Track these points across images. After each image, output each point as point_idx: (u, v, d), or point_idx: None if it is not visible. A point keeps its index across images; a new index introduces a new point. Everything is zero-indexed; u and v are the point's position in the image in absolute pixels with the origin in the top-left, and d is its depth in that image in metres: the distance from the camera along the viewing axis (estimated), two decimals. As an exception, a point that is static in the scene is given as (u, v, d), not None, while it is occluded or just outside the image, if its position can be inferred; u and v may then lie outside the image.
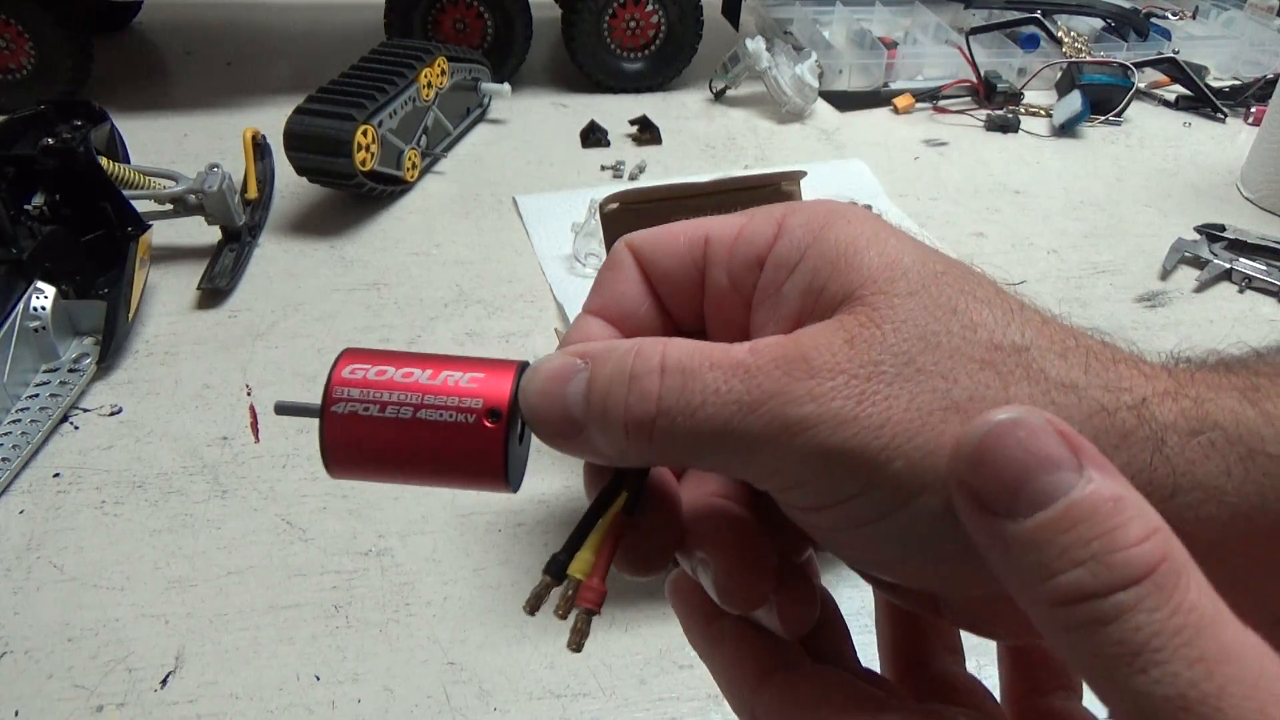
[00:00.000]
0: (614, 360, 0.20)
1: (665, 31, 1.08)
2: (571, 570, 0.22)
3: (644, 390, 0.20)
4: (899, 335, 0.19)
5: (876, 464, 0.18)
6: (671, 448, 0.20)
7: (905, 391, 0.19)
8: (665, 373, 0.20)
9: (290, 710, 0.43)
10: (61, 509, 0.53)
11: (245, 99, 1.05)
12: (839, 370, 0.19)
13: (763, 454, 0.19)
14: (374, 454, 0.22)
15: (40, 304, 0.62)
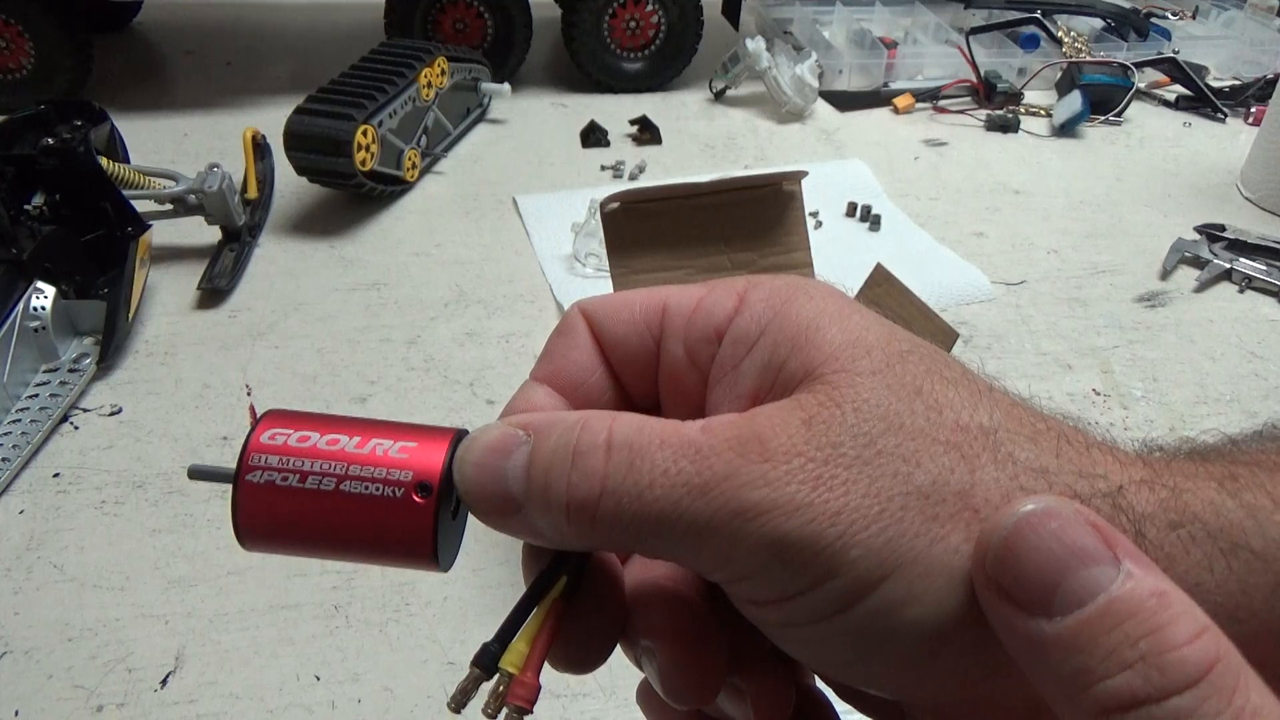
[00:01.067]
0: (558, 434, 0.19)
1: (665, 31, 1.08)
2: (503, 663, 0.19)
3: (589, 468, 0.18)
4: (859, 416, 0.18)
5: (832, 553, 0.17)
6: (616, 531, 0.18)
7: (865, 476, 0.17)
8: (612, 449, 0.18)
9: (290, 710, 0.43)
10: (61, 509, 0.53)
11: (245, 99, 1.05)
12: (795, 453, 0.17)
13: (713, 542, 0.17)
14: (290, 528, 0.20)
15: (40, 304, 0.62)
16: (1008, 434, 0.19)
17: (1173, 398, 0.64)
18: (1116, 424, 0.62)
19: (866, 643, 0.18)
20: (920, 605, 0.17)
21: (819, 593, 0.17)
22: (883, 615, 0.17)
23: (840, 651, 0.19)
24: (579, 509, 0.18)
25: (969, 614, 0.17)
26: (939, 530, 0.17)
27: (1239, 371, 0.67)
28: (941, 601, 0.17)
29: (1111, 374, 0.66)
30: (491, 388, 0.64)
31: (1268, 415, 0.63)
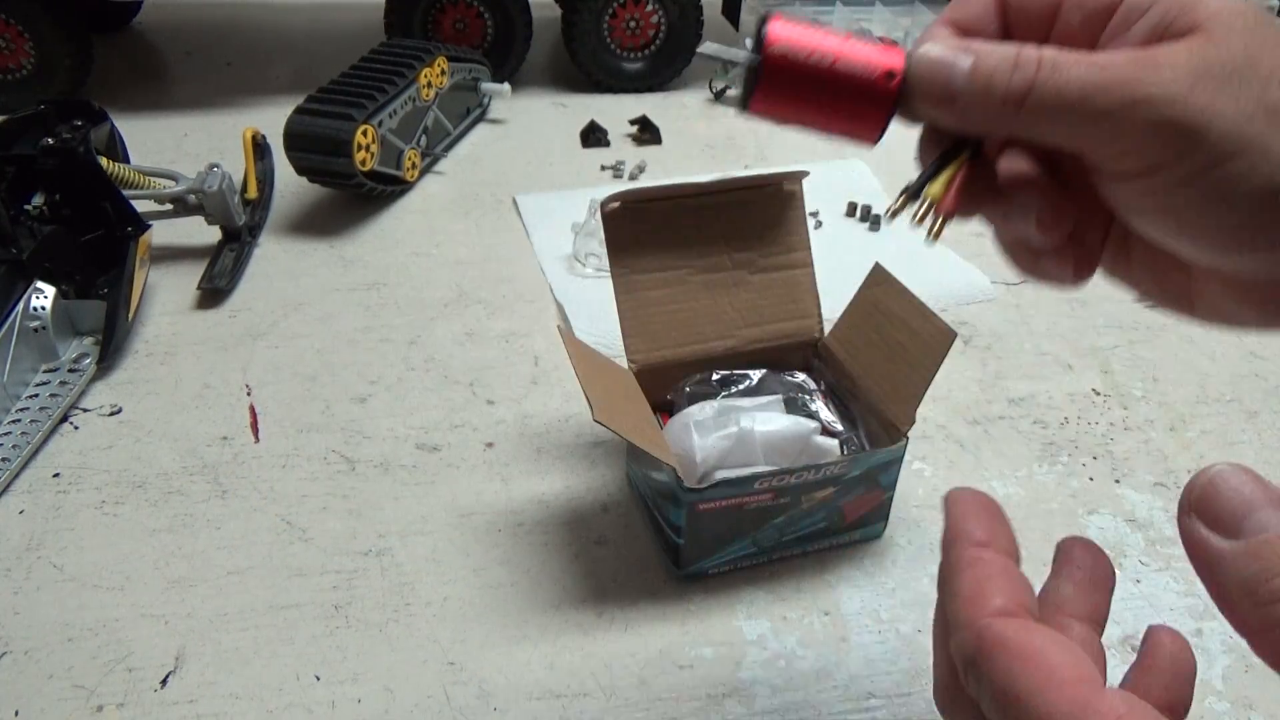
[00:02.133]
0: (1000, 52, 0.26)
1: (665, 31, 1.08)
2: (929, 191, 0.29)
3: (1025, 72, 0.26)
4: (1230, 53, 0.24)
5: (1198, 131, 0.24)
6: (1036, 115, 0.26)
7: (1228, 90, 0.24)
8: (1042, 64, 0.25)
9: (290, 710, 0.43)
10: (61, 509, 0.53)
11: (245, 99, 1.05)
12: (1180, 68, 0.24)
13: (1108, 124, 0.25)
14: (792, 91, 0.28)
15: (40, 304, 0.62)
16: None
17: (1173, 398, 0.64)
18: (1116, 424, 0.62)
19: (1212, 206, 0.25)
20: (1259, 177, 0.24)
21: (1183, 164, 0.24)
22: (1229, 181, 0.24)
23: (1186, 215, 0.26)
24: (1014, 98, 0.26)
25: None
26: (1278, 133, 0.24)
27: (1239, 371, 0.67)
28: (1274, 177, 0.24)
29: (1111, 374, 0.66)
30: (491, 387, 0.64)
31: (1268, 415, 0.63)
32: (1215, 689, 0.45)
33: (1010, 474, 0.58)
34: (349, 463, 0.57)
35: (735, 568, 0.50)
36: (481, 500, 0.55)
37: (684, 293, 0.54)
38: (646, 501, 0.52)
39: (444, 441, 0.59)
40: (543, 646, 0.46)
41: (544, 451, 0.58)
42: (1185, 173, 0.25)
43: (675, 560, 0.49)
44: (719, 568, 0.49)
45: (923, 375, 0.47)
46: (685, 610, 0.48)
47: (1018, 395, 0.64)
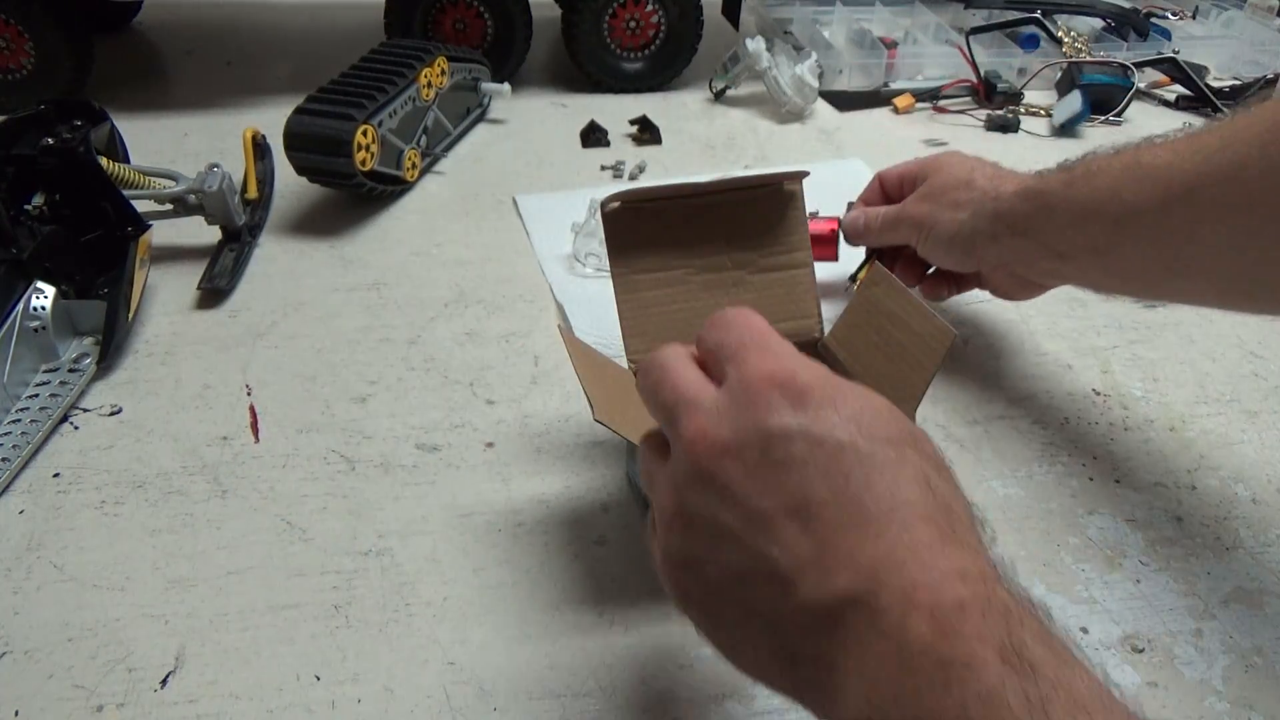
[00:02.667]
0: (871, 212, 0.67)
1: (665, 31, 1.08)
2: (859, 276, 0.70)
3: (877, 219, 0.67)
4: (933, 189, 0.62)
5: (922, 224, 0.62)
6: (884, 234, 0.66)
7: (930, 203, 0.62)
8: (882, 215, 0.66)
9: (290, 710, 0.43)
10: (61, 509, 0.53)
11: (245, 99, 1.05)
12: (917, 203, 0.63)
13: (900, 231, 0.64)
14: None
15: (40, 304, 0.62)
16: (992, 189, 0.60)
17: (1173, 397, 0.64)
18: (1116, 424, 0.62)
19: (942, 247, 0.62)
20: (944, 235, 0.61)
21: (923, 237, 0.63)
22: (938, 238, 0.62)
23: (939, 254, 0.63)
24: (874, 225, 0.67)
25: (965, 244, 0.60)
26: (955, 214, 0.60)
27: (1239, 371, 0.67)
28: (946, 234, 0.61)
29: (1111, 374, 0.66)
30: (491, 387, 0.64)
31: (1268, 415, 0.63)
32: (1215, 689, 0.45)
33: (1010, 474, 0.58)
34: (349, 463, 0.57)
35: None
36: (481, 500, 0.55)
37: (684, 293, 0.54)
38: (646, 504, 0.52)
39: (444, 441, 0.59)
40: (543, 646, 0.46)
41: (544, 451, 0.58)
42: (926, 241, 0.62)
43: None
44: None
45: (922, 375, 0.47)
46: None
47: (1018, 395, 0.64)
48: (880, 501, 0.28)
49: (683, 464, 0.32)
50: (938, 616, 0.26)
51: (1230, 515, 0.55)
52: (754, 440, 0.30)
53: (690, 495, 0.31)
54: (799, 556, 0.28)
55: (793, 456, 0.29)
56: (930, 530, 0.28)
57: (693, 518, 0.31)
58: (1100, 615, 0.49)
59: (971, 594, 0.27)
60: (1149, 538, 0.53)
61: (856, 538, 0.28)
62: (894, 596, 0.27)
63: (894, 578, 0.27)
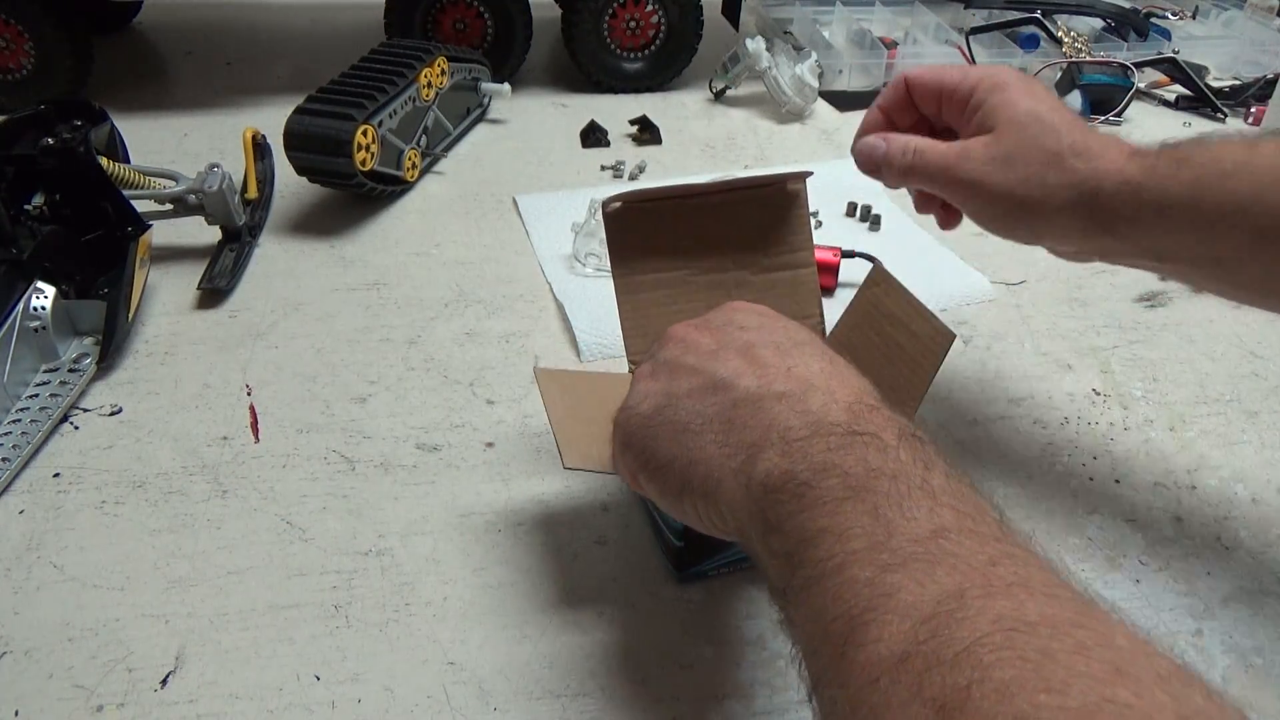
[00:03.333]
0: (898, 142, 0.51)
1: (665, 31, 1.08)
2: None
3: (907, 156, 0.50)
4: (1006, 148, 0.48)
5: (983, 189, 0.48)
6: (916, 178, 0.51)
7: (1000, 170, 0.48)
8: (916, 151, 0.50)
9: (290, 710, 0.43)
10: (61, 509, 0.53)
11: (245, 99, 1.05)
12: (976, 158, 0.48)
13: (945, 183, 0.50)
14: None
15: (40, 304, 0.62)
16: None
17: (1173, 397, 0.64)
18: (1116, 424, 0.62)
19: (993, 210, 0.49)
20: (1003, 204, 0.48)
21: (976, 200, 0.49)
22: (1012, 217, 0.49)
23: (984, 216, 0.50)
24: (904, 170, 0.51)
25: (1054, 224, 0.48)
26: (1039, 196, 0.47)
27: (1239, 371, 0.67)
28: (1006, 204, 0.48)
29: (1111, 374, 0.66)
30: (491, 387, 0.64)
31: (1268, 415, 0.63)
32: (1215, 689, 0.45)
33: (1010, 474, 0.58)
34: (349, 463, 0.57)
35: (736, 569, 0.50)
36: (481, 500, 0.55)
37: (686, 293, 0.53)
38: (646, 504, 0.52)
39: (444, 441, 0.59)
40: (543, 646, 0.46)
41: (544, 451, 0.58)
42: (985, 212, 0.50)
43: (676, 563, 0.49)
44: (720, 570, 0.49)
45: (922, 376, 0.47)
46: (685, 610, 0.48)
47: (1018, 395, 0.64)
48: (813, 351, 0.38)
49: (663, 342, 0.41)
50: (853, 411, 0.34)
51: (1230, 515, 0.55)
52: (719, 316, 0.41)
53: (661, 353, 0.41)
54: (740, 370, 0.37)
55: (748, 324, 0.40)
56: (850, 375, 0.37)
57: (659, 366, 0.40)
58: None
59: (879, 405, 0.35)
60: (1149, 538, 0.53)
61: (794, 361, 0.37)
62: (818, 394, 0.35)
63: (820, 384, 0.35)
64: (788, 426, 0.33)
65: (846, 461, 0.31)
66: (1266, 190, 0.42)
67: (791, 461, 0.32)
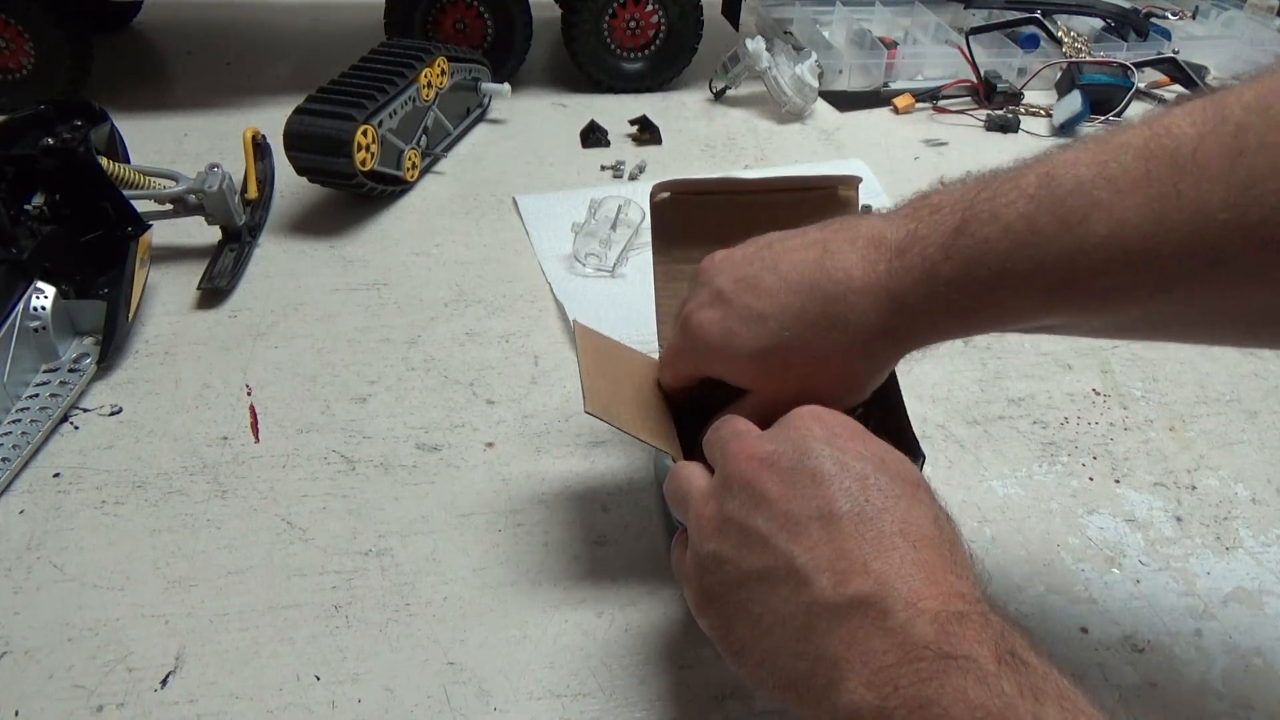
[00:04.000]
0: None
1: (665, 31, 1.08)
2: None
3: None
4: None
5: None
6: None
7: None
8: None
9: (290, 710, 0.43)
10: (61, 509, 0.53)
11: (245, 99, 1.05)
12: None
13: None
14: None
15: (40, 304, 0.62)
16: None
17: (1172, 397, 0.64)
18: (1116, 424, 0.62)
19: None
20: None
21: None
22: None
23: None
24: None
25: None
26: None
27: (1239, 371, 0.67)
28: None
29: (1111, 374, 0.66)
30: (491, 388, 0.64)
31: (1268, 415, 0.63)
32: (1215, 689, 0.45)
33: (1010, 474, 0.58)
34: (349, 463, 0.57)
35: None
36: (481, 500, 0.55)
37: None
38: (663, 508, 0.52)
39: (444, 441, 0.59)
40: (543, 646, 0.46)
41: (544, 451, 0.58)
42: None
43: None
44: None
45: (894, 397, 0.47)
46: (685, 610, 0.48)
47: (1018, 395, 0.64)
48: (894, 524, 0.32)
49: (721, 475, 0.37)
50: (940, 622, 0.29)
51: (1230, 515, 0.55)
52: (790, 452, 0.35)
53: (728, 501, 0.35)
54: (818, 558, 0.32)
55: (823, 471, 0.34)
56: (935, 556, 0.32)
57: (727, 521, 0.35)
58: (1100, 615, 0.49)
59: (969, 609, 0.30)
60: (1149, 537, 0.53)
61: (872, 550, 0.32)
62: (900, 602, 0.30)
63: (902, 587, 0.30)
64: (871, 650, 0.30)
65: (944, 697, 0.27)
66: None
67: (881, 697, 0.29)
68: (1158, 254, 0.32)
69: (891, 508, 0.33)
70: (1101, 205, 0.33)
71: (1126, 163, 0.33)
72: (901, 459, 0.36)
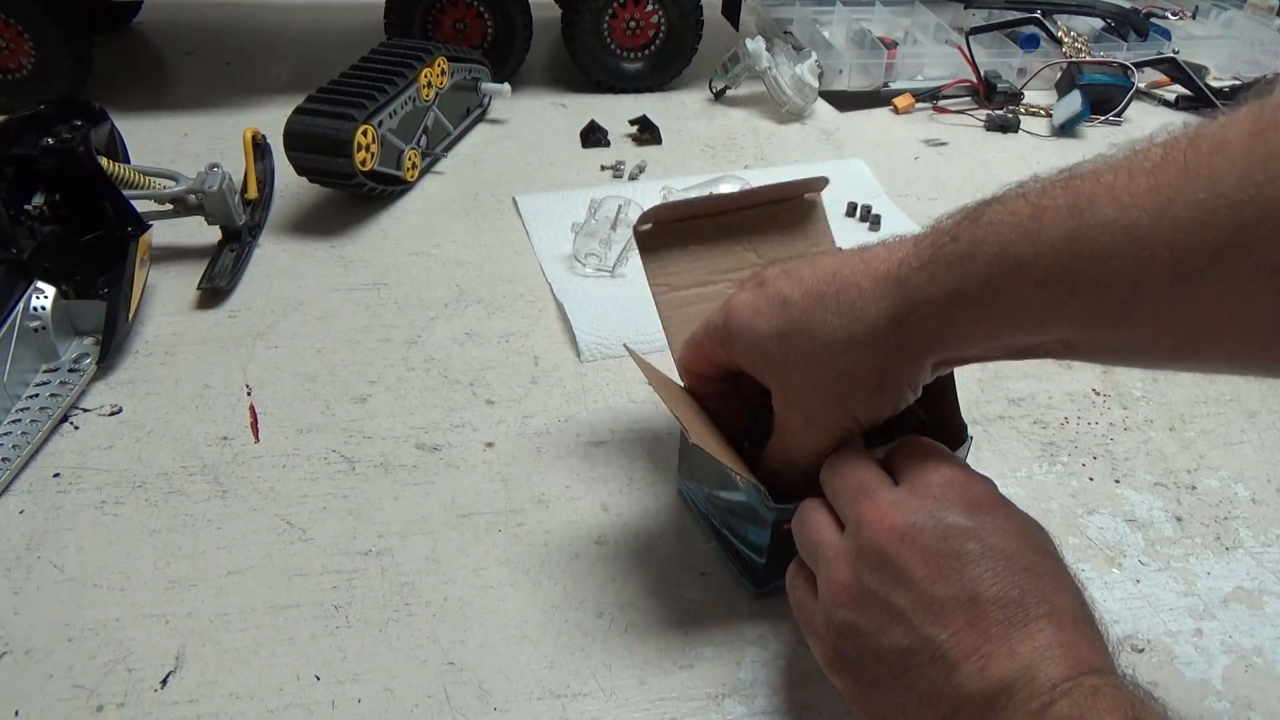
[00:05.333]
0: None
1: (665, 31, 1.08)
2: None
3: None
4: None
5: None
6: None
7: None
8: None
9: (290, 710, 0.43)
10: (61, 509, 0.53)
11: (245, 99, 1.05)
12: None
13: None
14: None
15: (40, 304, 0.62)
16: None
17: (1172, 397, 0.64)
18: (1116, 424, 0.62)
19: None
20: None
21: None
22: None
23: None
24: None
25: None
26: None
27: (1239, 371, 0.67)
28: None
29: (1111, 374, 0.66)
30: (491, 388, 0.64)
31: (1267, 415, 0.63)
32: (1215, 689, 0.45)
33: (1010, 474, 0.58)
34: (349, 463, 0.57)
35: None
36: (481, 500, 0.55)
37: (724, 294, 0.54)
38: (710, 520, 0.52)
39: (444, 441, 0.59)
40: (543, 646, 0.46)
41: (544, 451, 0.58)
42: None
43: (754, 579, 0.48)
44: None
45: (945, 385, 0.46)
46: (685, 610, 0.48)
47: (1018, 395, 0.64)
48: (1040, 605, 0.32)
49: (860, 541, 0.35)
50: (1077, 699, 0.30)
51: (1230, 515, 0.55)
52: (931, 529, 0.34)
53: (865, 572, 0.35)
54: (963, 645, 0.32)
55: (968, 552, 0.33)
56: (1077, 635, 0.32)
57: (865, 593, 0.34)
58: (1100, 615, 0.49)
59: (1104, 683, 0.30)
60: (1149, 537, 0.53)
61: (1019, 635, 0.31)
62: (1043, 686, 0.30)
63: (1047, 670, 0.31)
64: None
65: None
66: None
67: None
68: (1166, 240, 0.29)
69: (1035, 588, 0.32)
70: (1111, 189, 0.31)
71: (1146, 151, 0.31)
72: (1039, 530, 0.35)
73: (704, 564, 0.51)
